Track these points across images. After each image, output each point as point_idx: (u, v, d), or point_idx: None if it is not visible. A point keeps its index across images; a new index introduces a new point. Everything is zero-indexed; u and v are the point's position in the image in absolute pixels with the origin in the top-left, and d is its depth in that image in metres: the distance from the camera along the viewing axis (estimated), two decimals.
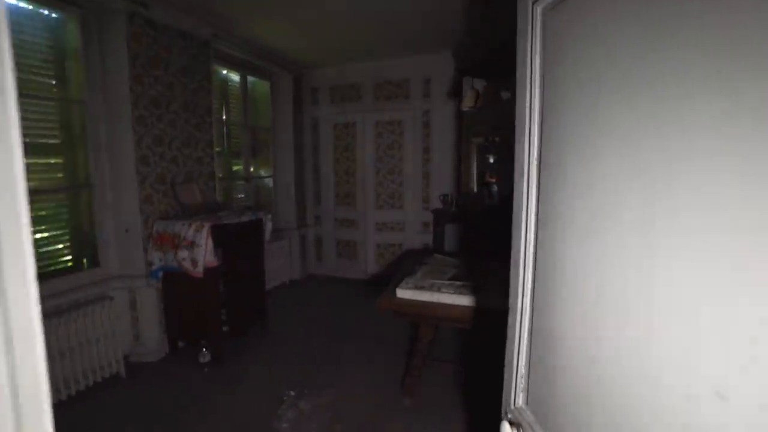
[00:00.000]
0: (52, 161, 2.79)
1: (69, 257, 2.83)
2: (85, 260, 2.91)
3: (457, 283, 2.42)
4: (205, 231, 2.74)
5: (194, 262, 2.75)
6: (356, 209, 5.03)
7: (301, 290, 4.72)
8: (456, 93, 4.41)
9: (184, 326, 3.05)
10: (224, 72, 4.21)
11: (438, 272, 2.69)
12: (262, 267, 3.44)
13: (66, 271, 2.75)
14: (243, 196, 4.46)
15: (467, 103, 2.84)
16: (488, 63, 3.39)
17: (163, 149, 3.11)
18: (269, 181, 4.96)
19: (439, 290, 2.30)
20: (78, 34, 2.71)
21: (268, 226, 3.44)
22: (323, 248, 5.31)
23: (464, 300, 2.19)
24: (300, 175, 5.12)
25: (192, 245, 2.76)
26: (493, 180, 4.35)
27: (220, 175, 4.04)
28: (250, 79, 4.52)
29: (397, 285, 2.43)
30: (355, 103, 4.88)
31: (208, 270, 2.80)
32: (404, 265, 3.14)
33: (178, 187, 3.19)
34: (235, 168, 4.42)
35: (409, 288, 2.34)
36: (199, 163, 3.50)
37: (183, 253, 2.78)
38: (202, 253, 2.73)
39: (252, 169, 4.70)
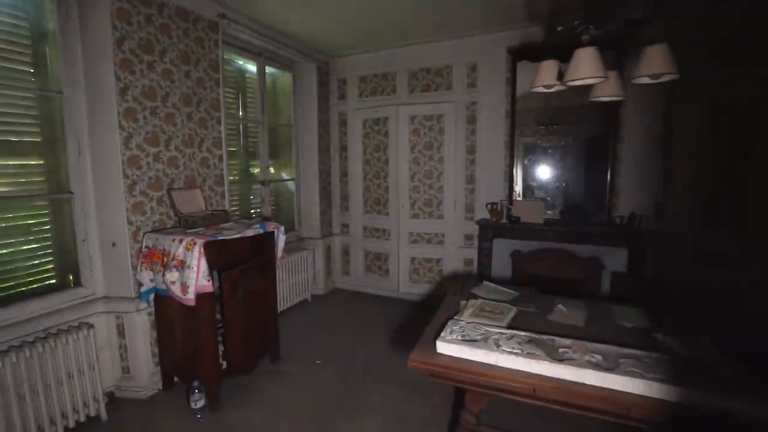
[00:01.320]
0: (32, 163, 2.37)
1: (51, 275, 2.41)
2: (72, 277, 2.48)
3: (522, 334, 1.72)
4: (198, 249, 2.21)
5: (184, 287, 2.23)
6: (388, 218, 4.40)
7: (324, 309, 4.15)
8: (512, 83, 3.67)
9: (178, 359, 2.55)
10: (240, 62, 3.73)
11: (492, 312, 2.00)
12: (273, 289, 2.88)
13: (47, 291, 2.32)
14: (258, 201, 3.95)
15: (544, 78, 2.12)
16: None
17: (158, 149, 2.63)
18: (291, 185, 4.44)
19: (497, 346, 1.61)
20: (54, 10, 2.27)
21: (281, 240, 2.88)
22: (350, 260, 4.73)
23: (541, 367, 1.49)
24: (325, 179, 4.57)
25: (182, 266, 2.24)
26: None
27: (232, 178, 3.55)
28: (269, 70, 4.02)
29: (436, 333, 1.77)
30: (388, 96, 4.25)
31: (201, 296, 2.27)
32: (445, 296, 2.47)
33: (176, 194, 2.70)
34: (253, 170, 3.93)
35: (454, 341, 1.67)
36: (204, 166, 3.01)
37: (172, 275, 2.26)
38: (193, 276, 2.20)
39: (272, 171, 4.20)
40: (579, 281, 3.13)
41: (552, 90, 2.19)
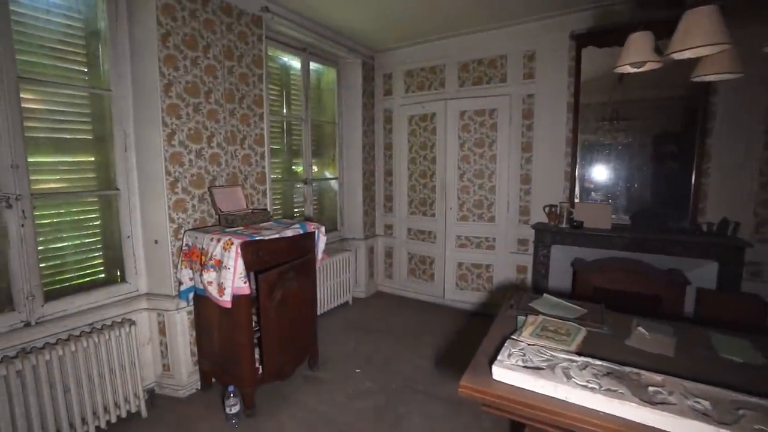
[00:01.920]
0: (84, 160, 2.41)
1: (99, 269, 2.45)
2: (118, 273, 2.51)
3: (597, 363, 1.42)
4: (234, 249, 2.12)
5: (221, 288, 2.15)
6: (434, 219, 4.15)
7: (366, 313, 3.99)
8: (576, 73, 3.29)
9: (215, 361, 2.49)
10: (285, 59, 3.67)
11: (557, 332, 1.71)
12: (313, 292, 2.75)
13: (94, 286, 2.35)
14: (301, 200, 3.87)
15: (635, 53, 1.79)
16: None
17: (200, 146, 2.59)
18: (334, 184, 4.33)
19: (568, 378, 1.33)
20: (104, 9, 2.29)
21: (321, 241, 2.75)
22: (393, 263, 4.53)
23: (626, 409, 1.19)
24: (369, 178, 4.41)
25: (219, 266, 2.16)
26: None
27: (275, 176, 3.49)
28: (313, 66, 3.93)
29: (491, 356, 1.52)
30: (436, 91, 4.01)
31: (237, 299, 2.18)
32: (496, 306, 2.19)
33: (217, 192, 2.66)
34: (296, 169, 3.86)
35: (514, 366, 1.41)
36: (246, 163, 2.95)
37: (209, 275, 2.19)
38: (230, 277, 2.11)
39: (315, 170, 4.11)
40: (655, 298, 2.69)
41: (641, 69, 1.83)
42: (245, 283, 2.15)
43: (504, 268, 3.84)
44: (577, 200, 3.42)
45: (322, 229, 2.73)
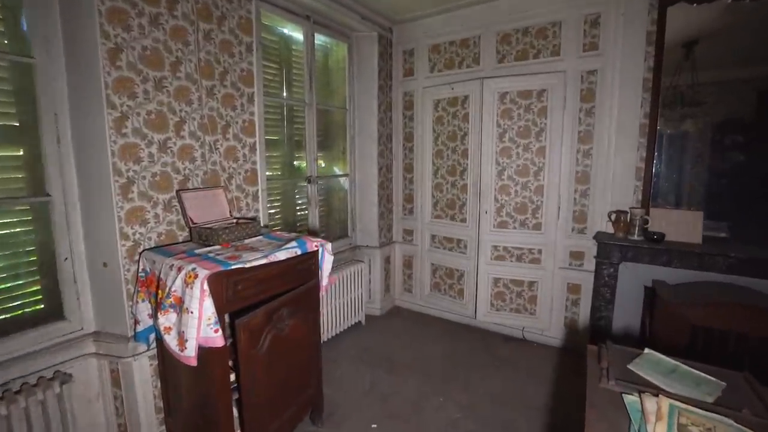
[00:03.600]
0: (6, 154, 1.78)
1: (35, 301, 1.83)
2: (57, 307, 1.88)
3: None
4: (199, 285, 1.46)
5: (181, 339, 1.50)
6: (464, 225, 3.45)
7: (383, 337, 3.33)
8: (657, 40, 2.53)
9: (187, 420, 1.86)
10: (284, 30, 2.98)
11: None
12: (315, 329, 2.09)
13: (24, 323, 1.73)
14: (305, 201, 3.21)
15: None
16: None
17: (165, 135, 1.94)
18: (345, 182, 3.66)
19: None
20: None
21: (327, 262, 2.08)
22: (414, 274, 3.86)
23: None
24: (386, 174, 3.72)
25: (180, 306, 1.51)
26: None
27: (271, 173, 2.83)
28: (319, 39, 3.23)
29: None
30: (469, 68, 3.28)
31: (206, 352, 1.53)
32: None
33: (189, 197, 2.00)
34: (299, 165, 3.19)
35: None
36: (231, 158, 2.29)
37: (166, 318, 1.54)
38: (194, 324, 1.46)
39: (323, 165, 3.44)
40: None
41: None
42: (216, 331, 1.50)
43: (551, 286, 3.12)
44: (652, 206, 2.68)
45: (328, 246, 2.06)
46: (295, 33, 3.05)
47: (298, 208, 3.19)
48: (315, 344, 2.09)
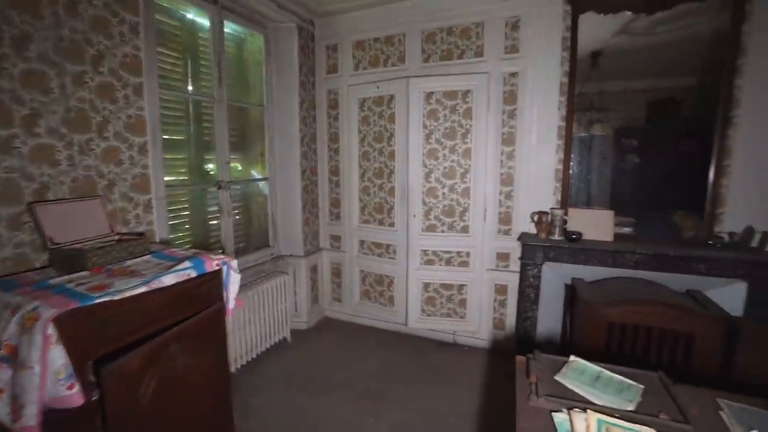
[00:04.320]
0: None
1: None
2: None
3: None
4: (41, 329, 1.11)
5: (15, 405, 1.13)
6: (393, 230, 3.32)
7: (311, 354, 3.07)
8: (571, 46, 2.61)
9: None
10: (188, 14, 2.59)
11: None
12: (223, 361, 1.79)
13: None
14: (217, 210, 2.84)
15: None
16: None
17: (8, 132, 1.51)
18: (264, 187, 3.33)
19: None
20: None
21: (233, 282, 1.79)
22: (343, 283, 3.65)
23: None
24: (310, 178, 3.47)
25: (14, 360, 1.14)
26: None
27: (173, 179, 2.44)
28: (230, 28, 2.89)
29: None
30: (395, 67, 3.16)
31: (61, 417, 1.17)
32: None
33: (47, 211, 1.59)
34: (209, 168, 2.82)
35: None
36: (112, 161, 1.89)
37: None
38: (34, 383, 1.10)
39: (240, 168, 3.09)
40: (689, 337, 2.09)
41: None
42: (71, 387, 1.15)
43: (480, 288, 3.12)
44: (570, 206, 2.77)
45: (234, 263, 1.77)
46: (202, 19, 2.68)
47: (211, 217, 2.82)
48: (222, 378, 1.79)
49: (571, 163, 2.75)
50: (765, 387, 2.07)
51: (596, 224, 2.65)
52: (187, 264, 1.55)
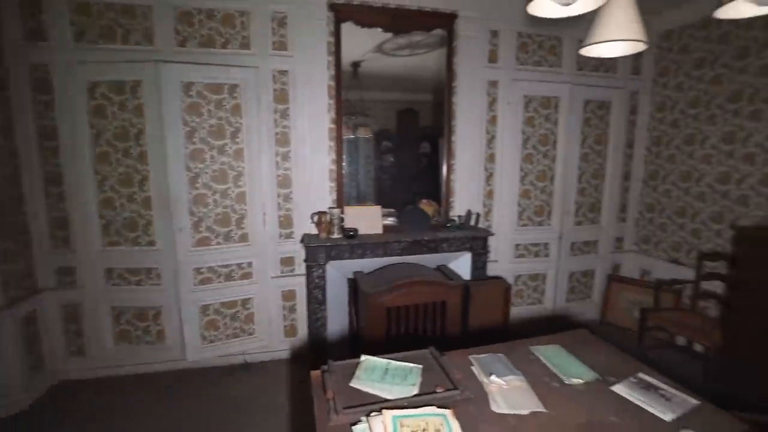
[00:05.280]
0: None
1: None
2: None
3: None
4: None
5: None
6: (154, 250, 2.69)
7: None
8: (335, 51, 2.73)
9: None
10: None
11: None
12: None
13: None
14: None
15: None
16: None
17: None
18: None
19: None
20: None
21: None
22: (86, 329, 2.72)
23: None
24: (8, 190, 2.41)
25: None
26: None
27: None
28: None
29: None
30: (139, 46, 2.55)
31: None
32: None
33: None
34: None
35: None
36: None
37: None
38: None
39: None
40: (443, 304, 2.53)
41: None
42: None
43: (267, 299, 2.92)
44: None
45: None
46: None
47: None
48: None
49: (344, 164, 2.91)
50: (487, 331, 2.72)
51: (368, 219, 2.89)
52: None
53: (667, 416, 1.18)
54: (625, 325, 3.44)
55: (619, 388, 1.32)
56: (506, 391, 1.30)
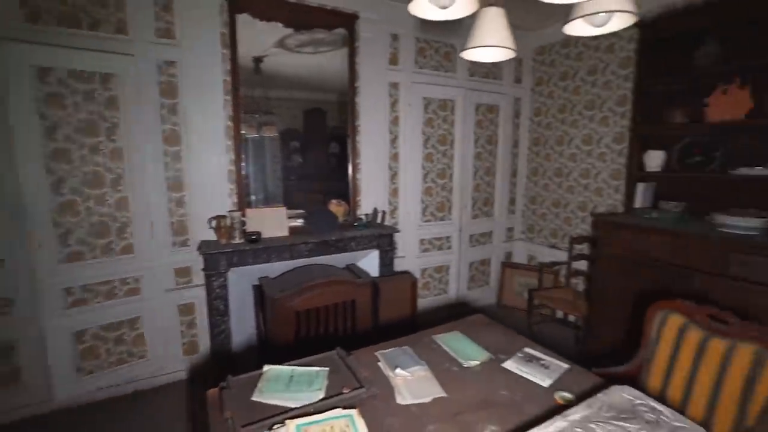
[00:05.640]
0: None
1: None
2: None
3: None
4: None
5: None
6: (4, 270, 2.21)
7: None
8: (231, 44, 2.55)
9: None
10: None
11: None
12: None
13: None
14: None
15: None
16: None
17: None
18: None
19: None
20: None
21: None
22: None
23: None
24: None
25: None
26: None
27: None
28: None
29: None
30: None
31: None
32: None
33: None
34: None
35: None
36: None
37: None
38: None
39: None
40: (353, 303, 2.53)
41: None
42: None
43: (159, 316, 2.62)
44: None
45: None
46: None
47: None
48: None
49: (243, 164, 2.74)
50: (396, 325, 2.81)
51: (272, 221, 2.77)
52: None
53: (546, 382, 1.34)
54: (517, 306, 3.86)
55: (509, 364, 1.47)
56: (410, 382, 1.36)
